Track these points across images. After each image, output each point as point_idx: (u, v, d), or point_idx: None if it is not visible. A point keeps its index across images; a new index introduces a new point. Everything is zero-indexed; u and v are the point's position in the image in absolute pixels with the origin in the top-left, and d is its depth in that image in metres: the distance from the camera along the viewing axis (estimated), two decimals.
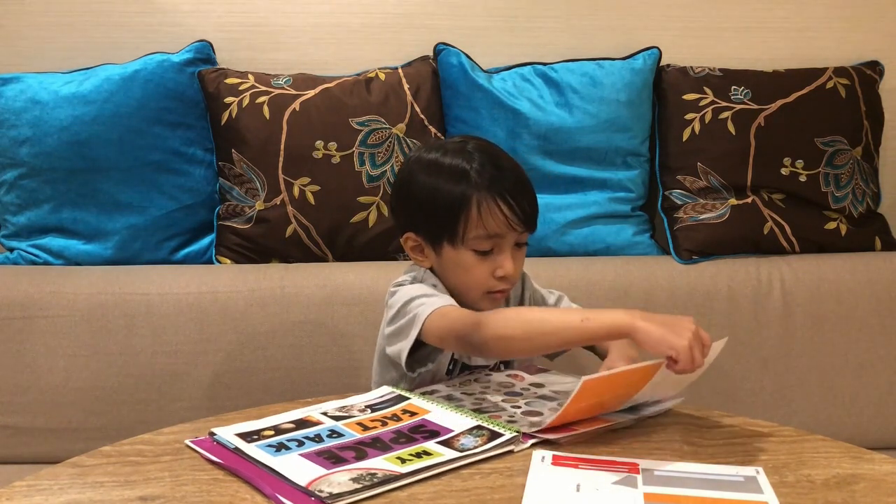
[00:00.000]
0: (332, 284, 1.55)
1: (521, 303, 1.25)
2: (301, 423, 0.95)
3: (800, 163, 1.71)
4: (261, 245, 1.64)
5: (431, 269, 1.17)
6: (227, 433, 0.91)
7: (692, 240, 1.67)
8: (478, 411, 0.98)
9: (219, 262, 1.66)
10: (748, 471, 0.85)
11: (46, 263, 1.64)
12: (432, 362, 1.12)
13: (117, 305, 1.51)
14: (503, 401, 1.04)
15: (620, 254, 1.70)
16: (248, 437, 0.90)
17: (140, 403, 1.50)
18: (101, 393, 1.50)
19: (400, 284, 1.16)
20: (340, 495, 0.76)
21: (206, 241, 1.70)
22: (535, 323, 0.99)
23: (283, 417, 0.97)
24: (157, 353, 1.51)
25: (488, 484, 0.81)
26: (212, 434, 0.92)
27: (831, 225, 1.71)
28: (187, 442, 0.90)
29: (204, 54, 1.72)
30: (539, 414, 0.99)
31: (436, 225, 1.11)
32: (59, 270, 1.60)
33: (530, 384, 1.11)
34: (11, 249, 1.66)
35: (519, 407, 1.02)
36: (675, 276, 1.62)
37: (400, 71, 1.72)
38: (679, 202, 1.72)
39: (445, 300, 1.08)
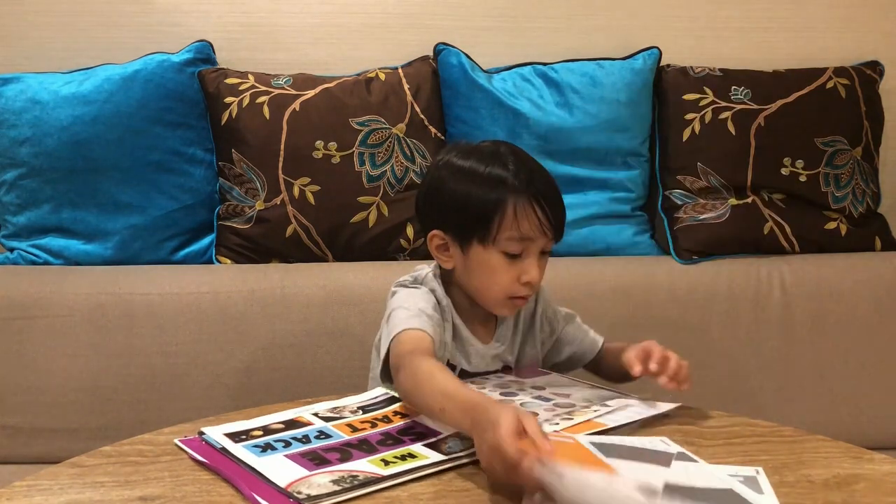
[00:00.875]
0: (332, 284, 1.55)
1: (533, 316, 1.24)
2: (291, 424, 0.95)
3: (800, 163, 1.71)
4: (261, 245, 1.64)
5: (451, 271, 1.16)
6: (216, 433, 0.91)
7: (692, 240, 1.67)
8: None
9: (219, 262, 1.66)
10: (748, 471, 0.84)
11: (46, 263, 1.64)
12: None
13: (117, 305, 1.51)
14: (498, 402, 1.04)
15: (620, 254, 1.70)
16: (235, 437, 0.90)
17: (140, 403, 1.50)
18: (101, 393, 1.50)
19: (401, 285, 1.16)
20: (318, 497, 0.75)
21: (206, 241, 1.70)
22: (428, 394, 0.92)
23: (274, 418, 0.96)
24: (157, 353, 1.50)
25: (489, 483, 0.81)
26: (201, 433, 0.92)
27: (831, 225, 1.71)
28: (176, 441, 0.90)
29: (204, 54, 1.72)
30: (534, 414, 0.98)
31: (468, 224, 1.11)
32: (59, 270, 1.60)
33: (530, 386, 1.11)
34: (11, 249, 1.66)
35: None
36: (675, 276, 1.62)
37: (400, 71, 1.72)
38: (679, 202, 1.72)
39: (413, 322, 1.06)
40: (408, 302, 1.11)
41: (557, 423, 0.94)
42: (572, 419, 0.96)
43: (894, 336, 1.61)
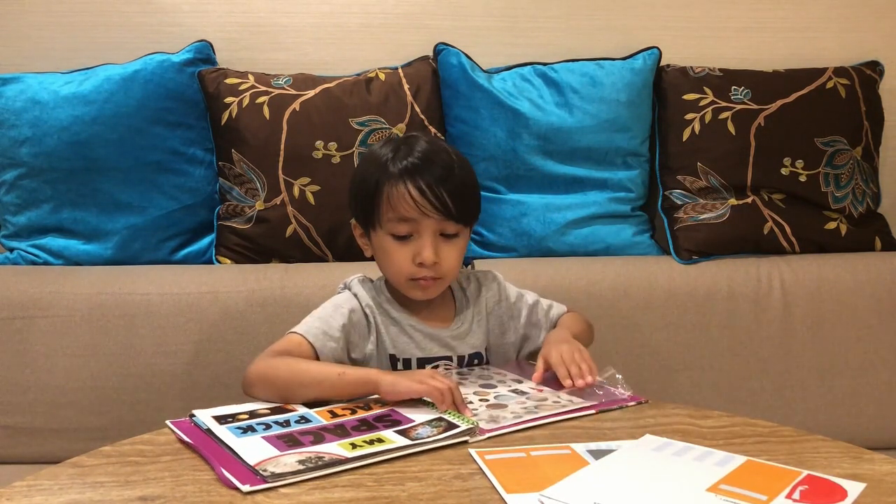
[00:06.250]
0: (332, 284, 1.53)
1: (498, 302, 1.26)
2: (276, 409, 1.01)
3: (800, 163, 1.71)
4: (261, 245, 1.64)
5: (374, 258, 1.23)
6: (205, 415, 0.96)
7: (692, 240, 1.67)
8: None
9: (219, 262, 1.66)
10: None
11: (46, 263, 1.64)
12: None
13: (117, 305, 1.51)
14: (474, 393, 1.08)
15: (620, 254, 1.70)
16: (222, 419, 0.96)
17: (140, 403, 1.50)
18: (101, 393, 1.50)
19: (336, 292, 1.24)
20: (282, 475, 0.80)
21: (206, 241, 1.70)
22: (296, 373, 1.05)
23: (263, 403, 1.03)
24: (157, 353, 1.50)
25: (489, 484, 0.81)
26: (191, 416, 0.97)
27: (831, 225, 1.71)
28: (168, 422, 0.95)
29: (204, 54, 1.72)
30: (503, 407, 1.02)
31: (363, 209, 1.17)
32: (59, 270, 1.60)
33: (511, 380, 1.14)
34: (11, 249, 1.66)
35: (486, 400, 1.05)
36: (675, 276, 1.62)
37: (400, 71, 1.72)
38: (679, 202, 1.72)
39: (306, 327, 1.13)
40: (320, 310, 1.17)
41: (521, 416, 0.98)
42: (536, 412, 1.00)
43: (894, 336, 1.61)
